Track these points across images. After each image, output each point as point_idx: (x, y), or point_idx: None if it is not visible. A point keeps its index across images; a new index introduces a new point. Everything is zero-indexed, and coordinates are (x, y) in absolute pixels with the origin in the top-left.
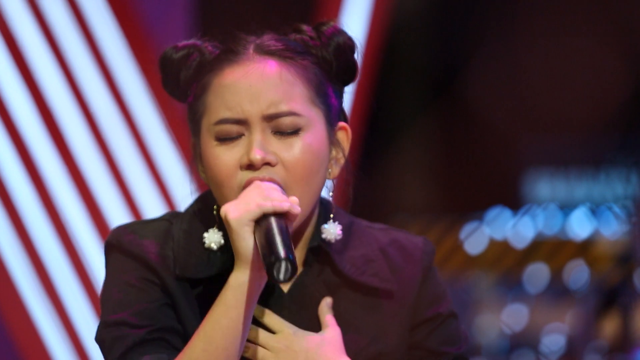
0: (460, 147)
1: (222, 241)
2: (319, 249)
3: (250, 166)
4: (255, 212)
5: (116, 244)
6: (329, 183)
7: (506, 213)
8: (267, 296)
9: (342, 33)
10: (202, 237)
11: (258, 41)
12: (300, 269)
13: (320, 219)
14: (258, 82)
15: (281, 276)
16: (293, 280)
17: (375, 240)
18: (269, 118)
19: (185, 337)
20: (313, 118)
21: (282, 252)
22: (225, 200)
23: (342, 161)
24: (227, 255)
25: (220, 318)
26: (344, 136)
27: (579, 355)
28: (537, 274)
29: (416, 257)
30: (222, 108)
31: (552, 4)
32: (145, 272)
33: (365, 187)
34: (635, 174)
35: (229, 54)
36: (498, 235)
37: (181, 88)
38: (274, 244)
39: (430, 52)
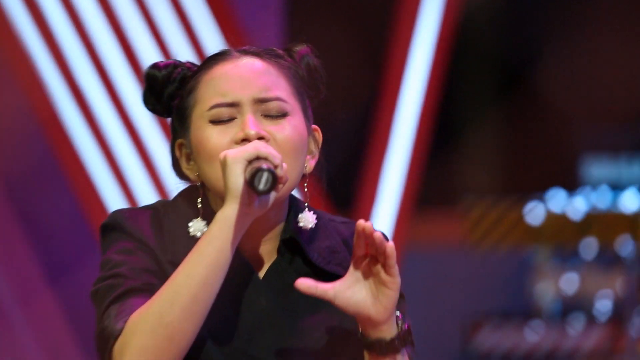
0: (522, 134)
1: (205, 230)
2: (291, 241)
3: (245, 140)
4: (251, 153)
5: (116, 225)
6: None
7: (563, 193)
8: (245, 283)
9: (312, 54)
10: (186, 230)
11: (239, 49)
12: (274, 258)
13: (291, 214)
14: (248, 72)
15: (261, 185)
16: (267, 268)
17: (338, 233)
18: (260, 101)
19: None
20: (296, 107)
21: (265, 166)
22: (217, 176)
23: (317, 156)
24: None
25: (204, 248)
26: (318, 136)
27: (626, 318)
28: (590, 245)
29: None
30: (215, 95)
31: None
32: (144, 247)
33: (438, 171)
34: None
35: (215, 57)
36: (556, 210)
37: (164, 103)
38: (259, 166)
39: (500, 43)
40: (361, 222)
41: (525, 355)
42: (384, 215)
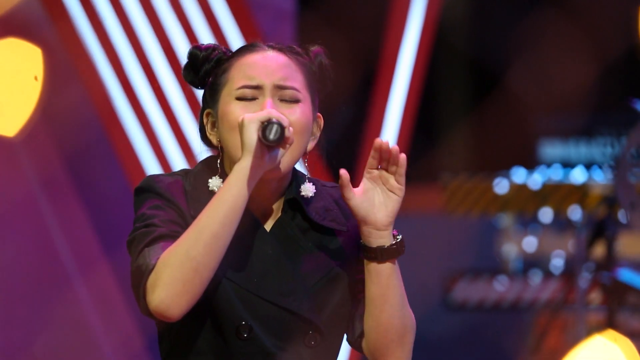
0: (490, 122)
1: (222, 185)
2: (293, 201)
3: None
4: (265, 116)
5: (148, 187)
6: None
7: (524, 170)
8: (254, 235)
9: (323, 55)
10: (206, 188)
11: (270, 44)
12: (279, 215)
13: (293, 181)
14: (272, 63)
15: (271, 135)
16: (273, 223)
17: (329, 195)
18: (279, 87)
19: None
20: (306, 97)
21: (274, 119)
22: (234, 144)
23: (317, 138)
24: None
25: (223, 194)
26: (320, 122)
27: (577, 273)
28: (546, 212)
29: None
30: (244, 78)
31: (565, 20)
32: (172, 205)
33: (420, 153)
34: (617, 141)
35: (248, 47)
36: (518, 183)
37: (200, 77)
38: (270, 120)
39: (472, 44)
40: (378, 140)
41: (493, 304)
42: None
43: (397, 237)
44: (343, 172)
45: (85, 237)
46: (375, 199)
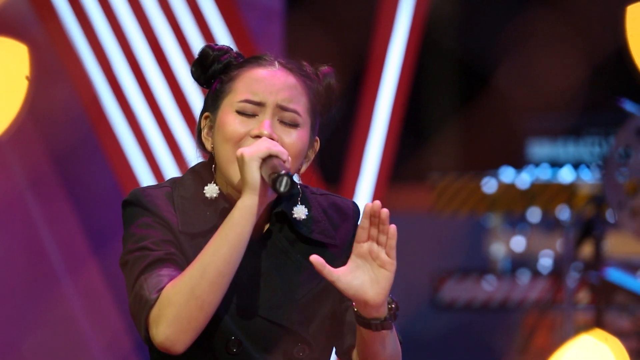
0: (478, 122)
1: (218, 192)
2: (281, 213)
3: (258, 137)
4: (264, 152)
5: (136, 201)
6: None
7: (512, 169)
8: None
9: (332, 75)
10: (196, 201)
11: (281, 59)
12: (266, 226)
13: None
14: (278, 82)
15: (282, 187)
16: (261, 235)
17: (319, 204)
18: (281, 108)
19: None
20: (306, 124)
21: (283, 170)
22: (229, 156)
23: (311, 161)
24: (215, 214)
25: (228, 231)
26: (316, 146)
27: (564, 273)
28: (534, 212)
29: (349, 215)
30: (247, 92)
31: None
32: (161, 220)
33: (409, 153)
34: (605, 140)
35: (259, 60)
36: (507, 183)
37: (207, 76)
38: (276, 168)
39: (460, 45)
40: (369, 204)
41: (482, 304)
42: (365, 189)
43: (392, 304)
44: (314, 259)
45: (73, 236)
46: (366, 277)
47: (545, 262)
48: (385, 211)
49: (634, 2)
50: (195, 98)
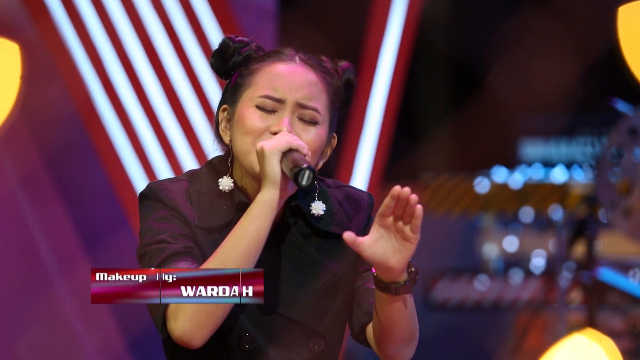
0: (471, 123)
1: (232, 185)
2: (296, 207)
3: (277, 134)
4: (285, 146)
5: (152, 195)
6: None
7: (505, 169)
8: None
9: (351, 71)
10: (212, 195)
11: (302, 54)
12: (282, 220)
13: (299, 189)
14: (299, 79)
15: (304, 181)
16: (276, 229)
17: (334, 197)
18: (300, 106)
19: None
20: (325, 121)
21: (305, 164)
22: (248, 147)
23: (327, 157)
24: (231, 208)
25: (248, 225)
26: (333, 142)
27: (557, 273)
28: (527, 212)
29: (363, 206)
30: (268, 88)
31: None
32: (177, 214)
33: (403, 153)
34: (598, 140)
35: (280, 54)
36: (499, 183)
37: (226, 68)
38: (298, 161)
39: (453, 46)
40: (397, 188)
41: (474, 304)
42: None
43: (411, 267)
44: (347, 235)
45: (66, 235)
46: (389, 247)
47: (538, 262)
48: (414, 197)
49: (626, 3)
50: (188, 96)
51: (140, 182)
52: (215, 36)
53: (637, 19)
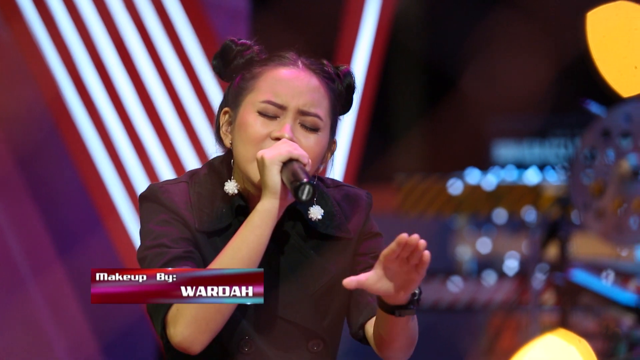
0: (444, 124)
1: (237, 189)
2: (295, 209)
3: (278, 139)
4: (285, 156)
5: (153, 197)
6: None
7: (478, 171)
8: None
9: (352, 75)
10: (211, 198)
11: (304, 59)
12: (280, 224)
13: None
14: (302, 86)
15: (304, 196)
16: (275, 232)
17: (333, 198)
18: (302, 113)
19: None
20: (326, 127)
21: (305, 178)
22: (248, 156)
23: (326, 162)
24: (231, 211)
25: (248, 234)
26: (333, 148)
27: (530, 274)
28: (500, 213)
29: (362, 206)
30: (270, 93)
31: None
32: (178, 217)
33: (376, 155)
34: (571, 142)
35: (282, 59)
36: (472, 184)
37: (228, 70)
38: (298, 174)
39: (426, 48)
40: (404, 236)
41: (448, 305)
42: None
43: (415, 291)
44: (347, 281)
45: (38, 238)
46: (392, 284)
47: (511, 263)
48: (422, 243)
49: (595, 7)
50: (161, 97)
51: (112, 183)
52: (188, 37)
53: (604, 24)
